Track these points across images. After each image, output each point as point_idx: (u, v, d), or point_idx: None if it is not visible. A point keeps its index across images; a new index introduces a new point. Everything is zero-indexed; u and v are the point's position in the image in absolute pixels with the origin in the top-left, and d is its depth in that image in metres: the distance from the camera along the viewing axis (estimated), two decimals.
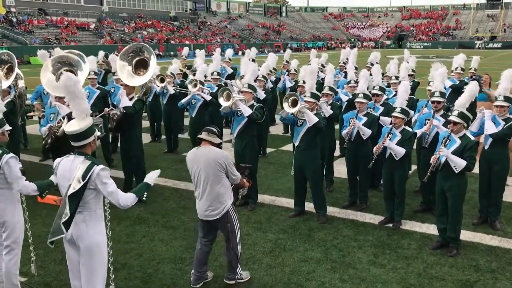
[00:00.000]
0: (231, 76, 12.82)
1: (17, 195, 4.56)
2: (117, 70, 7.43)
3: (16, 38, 44.62)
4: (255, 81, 8.73)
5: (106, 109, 7.81)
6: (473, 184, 7.25)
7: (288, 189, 7.96)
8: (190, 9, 76.80)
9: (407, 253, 5.76)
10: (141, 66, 7.39)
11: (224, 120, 10.66)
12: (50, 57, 10.98)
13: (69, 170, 3.76)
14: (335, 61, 14.89)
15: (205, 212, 4.87)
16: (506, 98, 6.27)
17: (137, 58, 7.37)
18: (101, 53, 13.38)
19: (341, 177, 8.50)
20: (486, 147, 6.36)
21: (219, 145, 5.06)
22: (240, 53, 58.59)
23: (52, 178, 4.52)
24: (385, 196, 6.61)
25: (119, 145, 9.13)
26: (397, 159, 6.21)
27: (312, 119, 6.32)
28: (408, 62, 12.05)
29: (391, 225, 6.52)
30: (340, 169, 8.70)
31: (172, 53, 54.28)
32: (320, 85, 9.64)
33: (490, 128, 6.19)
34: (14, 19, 47.93)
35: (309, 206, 7.05)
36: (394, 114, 6.25)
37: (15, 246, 4.56)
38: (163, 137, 11.54)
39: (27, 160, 9.85)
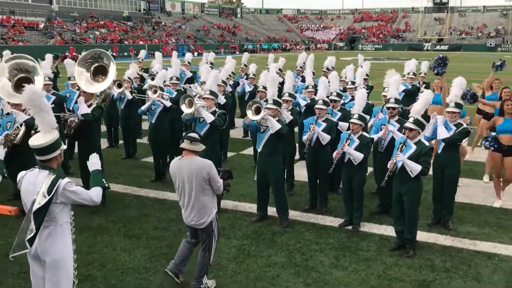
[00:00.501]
0: (191, 80, 12.77)
1: None
2: (75, 76, 7.27)
3: None
4: None
5: (61, 114, 7.61)
6: (427, 185, 7.55)
7: (250, 194, 8.04)
8: (144, 9, 75.62)
9: (366, 255, 5.97)
10: (100, 72, 7.26)
11: (184, 125, 10.59)
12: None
13: (33, 184, 3.68)
14: (292, 64, 15.11)
15: (191, 221, 4.94)
16: (457, 105, 6.60)
17: (96, 65, 7.23)
18: (49, 56, 12.84)
19: (301, 180, 8.67)
20: (439, 151, 6.68)
21: (203, 151, 5.05)
22: (196, 53, 58.46)
23: None
24: (344, 200, 6.81)
25: (75, 151, 8.92)
26: (355, 164, 6.43)
27: (275, 126, 6.44)
28: (362, 67, 12.44)
29: (350, 227, 6.73)
30: (300, 172, 8.86)
31: (126, 53, 53.30)
32: (279, 89, 9.78)
33: (443, 133, 6.51)
34: None
35: (271, 211, 7.16)
36: (352, 120, 6.46)
37: None
38: (121, 142, 11.38)
39: None
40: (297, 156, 9.37)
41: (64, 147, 3.90)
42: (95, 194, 3.87)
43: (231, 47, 71.37)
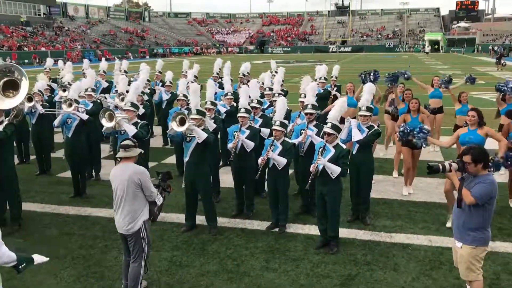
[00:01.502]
0: (107, 90, 12.40)
1: None
2: None
3: None
4: None
5: None
6: (344, 184, 8.05)
7: (176, 204, 8.03)
8: (44, 13, 71.62)
9: (294, 255, 6.24)
10: (10, 87, 6.84)
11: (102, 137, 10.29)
12: None
13: None
14: (206, 68, 15.17)
15: (121, 227, 4.98)
16: (368, 108, 7.12)
17: (5, 79, 6.79)
18: None
19: (226, 186, 8.81)
20: (354, 152, 7.15)
21: (140, 154, 5.15)
22: (103, 59, 56.32)
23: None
24: (271, 203, 7.06)
25: None
26: (279, 168, 6.69)
27: (201, 135, 6.52)
28: (276, 73, 12.85)
29: (277, 229, 6.98)
30: (224, 178, 8.99)
31: (26, 61, 50.17)
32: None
33: (357, 135, 6.99)
34: None
35: (199, 219, 7.22)
36: (274, 127, 6.72)
37: None
38: (33, 157, 10.80)
39: None
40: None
41: None
42: (3, 254, 3.57)
43: (141, 51, 69.89)
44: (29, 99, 9.10)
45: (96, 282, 5.60)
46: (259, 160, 6.73)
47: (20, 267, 3.72)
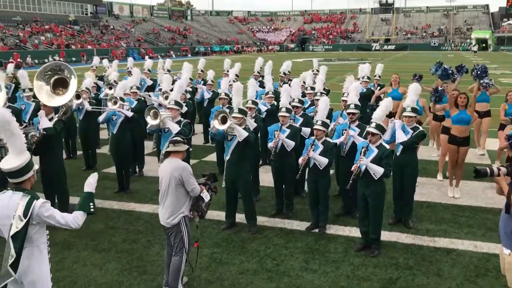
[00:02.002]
0: (151, 88, 12.66)
1: None
2: (35, 91, 7.09)
3: None
4: None
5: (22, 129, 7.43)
6: (387, 185, 7.91)
7: (217, 201, 8.08)
8: (91, 13, 73.84)
9: (334, 256, 6.19)
10: (60, 85, 7.13)
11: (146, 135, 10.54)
12: None
13: (6, 207, 3.62)
14: (247, 66, 15.22)
15: (163, 219, 5.20)
16: (413, 109, 6.96)
17: (56, 77, 7.09)
18: (11, 66, 12.50)
19: (266, 185, 8.84)
20: (397, 154, 7.01)
21: (188, 151, 5.40)
22: (146, 57, 57.53)
23: None
24: (310, 203, 7.02)
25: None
26: (321, 168, 6.65)
27: (242, 134, 6.57)
28: (318, 71, 12.77)
29: (317, 230, 6.94)
30: (263, 177, 9.02)
31: (74, 58, 51.88)
32: None
33: (401, 137, 6.86)
34: None
35: (239, 217, 7.27)
36: (316, 127, 6.68)
37: None
38: (79, 153, 11.18)
39: None
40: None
41: (36, 167, 3.86)
42: (72, 218, 3.78)
43: (183, 50, 70.88)
44: (77, 96, 9.41)
45: (139, 276, 5.75)
46: (300, 160, 6.71)
47: (91, 210, 3.94)
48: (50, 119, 7.13)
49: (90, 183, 4.08)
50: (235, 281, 5.60)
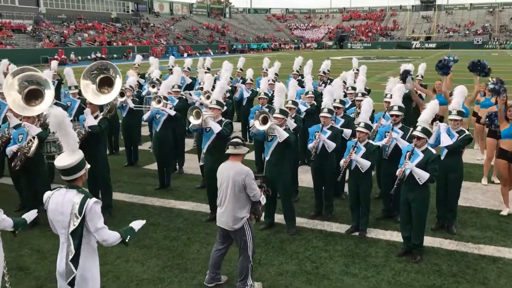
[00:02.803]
0: (190, 86, 12.81)
1: None
2: (82, 89, 7.30)
3: None
4: None
5: None
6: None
7: None
8: (132, 10, 75.29)
9: (375, 261, 6.10)
10: (105, 84, 7.31)
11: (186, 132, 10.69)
12: None
13: (61, 204, 3.75)
14: (284, 64, 15.13)
15: (224, 223, 5.22)
16: (459, 112, 6.77)
17: (101, 76, 7.28)
18: (54, 63, 12.92)
19: (304, 186, 8.79)
20: (442, 158, 6.83)
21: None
22: (185, 55, 58.41)
23: (26, 215, 4.52)
24: (351, 206, 6.94)
25: None
26: (363, 171, 6.55)
27: (282, 135, 6.56)
28: (358, 70, 12.59)
29: (357, 233, 6.85)
30: (302, 177, 8.97)
31: (115, 55, 53.04)
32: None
33: (446, 141, 6.68)
34: None
35: (277, 218, 7.27)
36: (358, 129, 6.59)
37: None
38: (121, 149, 11.43)
39: None
40: None
41: (88, 166, 3.97)
42: (110, 235, 3.86)
43: (220, 47, 71.36)
44: (121, 94, 9.62)
45: (180, 273, 5.83)
46: (341, 162, 6.64)
47: (126, 240, 4.01)
48: (95, 117, 7.31)
49: (137, 224, 4.19)
50: (274, 282, 5.61)
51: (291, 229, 6.92)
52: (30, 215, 4.65)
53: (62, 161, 3.77)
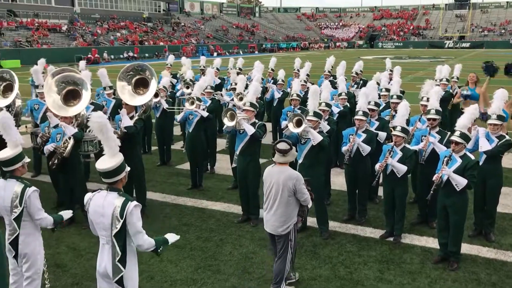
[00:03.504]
0: (219, 87, 12.87)
1: (38, 226, 4.57)
2: (118, 91, 7.42)
3: None
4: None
5: None
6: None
7: None
8: (163, 10, 76.24)
9: (410, 268, 5.98)
10: (140, 85, 7.41)
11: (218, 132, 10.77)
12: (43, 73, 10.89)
13: (101, 206, 3.82)
14: (314, 63, 14.98)
15: (272, 228, 5.19)
16: (499, 117, 6.57)
17: (137, 77, 7.39)
18: (83, 63, 13.19)
19: (336, 189, 8.71)
20: (480, 163, 6.63)
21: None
22: (215, 54, 58.77)
23: (63, 213, 4.64)
24: (386, 211, 6.82)
25: None
26: (399, 176, 6.43)
27: (316, 138, 6.50)
28: (392, 71, 12.39)
29: (391, 239, 6.74)
30: (334, 180, 8.88)
31: (146, 54, 53.79)
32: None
33: (485, 146, 6.49)
34: None
35: (309, 221, 7.22)
36: (395, 133, 6.46)
37: (36, 277, 4.58)
38: (153, 148, 11.58)
39: None
40: None
41: (128, 169, 4.03)
42: (147, 242, 3.91)
43: (250, 46, 71.48)
44: (155, 95, 9.73)
45: (213, 275, 5.85)
46: (377, 166, 6.53)
47: (159, 250, 4.05)
48: (131, 118, 7.41)
49: (172, 237, 4.23)
50: (308, 287, 5.56)
51: (324, 233, 6.86)
52: (66, 214, 4.79)
53: (103, 164, 3.83)
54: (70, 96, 6.80)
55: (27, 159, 4.72)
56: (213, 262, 6.18)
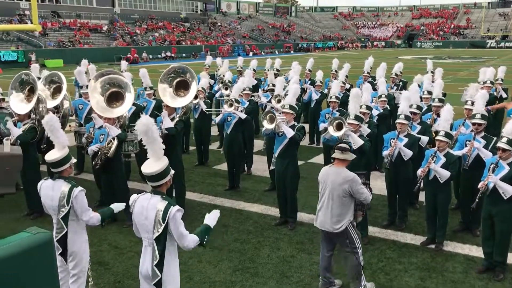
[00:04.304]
0: (256, 88, 12.89)
1: (84, 225, 4.70)
2: (159, 93, 7.54)
3: (30, 41, 45.07)
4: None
5: None
6: None
7: None
8: (200, 10, 77.00)
9: (453, 277, 5.82)
10: (181, 87, 7.51)
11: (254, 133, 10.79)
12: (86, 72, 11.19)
13: (145, 208, 3.88)
14: (352, 63, 14.83)
15: (327, 226, 5.24)
16: None
17: (178, 79, 7.48)
18: (124, 63, 13.50)
19: (375, 193, 8.51)
20: None
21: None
22: (251, 54, 58.98)
23: (114, 205, 4.75)
24: (428, 218, 6.67)
25: None
26: (442, 182, 6.27)
27: (357, 142, 6.42)
28: (433, 73, 12.11)
29: (433, 246, 6.58)
30: (373, 183, 8.70)
31: (184, 54, 54.47)
32: (346, 97, 9.67)
33: None
34: (28, 22, 48.33)
35: None
36: (438, 138, 6.31)
37: (81, 275, 4.70)
38: (191, 148, 11.72)
39: None
40: None
41: (172, 172, 4.08)
42: (189, 240, 3.92)
43: (285, 46, 71.32)
44: (195, 96, 9.84)
45: (251, 277, 5.86)
46: (419, 172, 6.39)
47: (204, 242, 4.06)
48: (172, 119, 7.52)
49: (212, 218, 4.23)
50: None
51: (364, 239, 6.74)
52: (118, 206, 4.85)
53: (148, 167, 3.90)
54: (113, 97, 6.96)
55: (73, 160, 4.85)
56: (251, 265, 6.19)
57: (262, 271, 6.03)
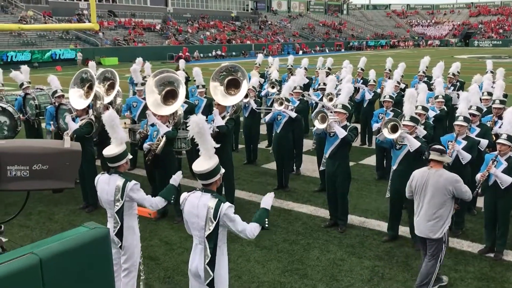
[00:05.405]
0: (307, 86, 12.77)
1: (135, 220, 4.79)
2: (211, 91, 7.59)
3: (88, 40, 46.83)
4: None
5: None
6: None
7: (376, 210, 7.85)
8: (251, 9, 77.36)
9: None
10: (232, 85, 7.53)
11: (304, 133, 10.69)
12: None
13: (196, 206, 3.90)
14: (406, 62, 14.37)
15: (422, 229, 5.19)
16: None
17: (229, 78, 7.51)
18: (182, 62, 13.72)
19: None
20: None
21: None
22: (300, 52, 58.67)
23: (172, 181, 4.87)
24: (486, 225, 6.36)
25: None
26: (502, 187, 5.96)
27: (414, 144, 6.19)
28: (493, 72, 11.57)
29: (492, 255, 6.26)
30: None
31: (234, 53, 54.90)
32: (401, 96, 9.39)
33: None
34: (86, 21, 50.21)
35: (401, 230, 6.91)
36: (500, 141, 5.99)
37: (133, 269, 4.80)
38: (240, 146, 11.75)
39: None
40: None
41: (223, 171, 4.08)
42: (251, 229, 3.93)
43: (336, 44, 70.44)
44: (245, 95, 9.86)
45: (300, 279, 5.79)
46: (478, 176, 6.09)
47: (266, 226, 4.06)
48: (223, 117, 7.55)
49: (267, 201, 4.20)
50: None
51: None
52: (176, 178, 4.90)
53: (199, 166, 3.92)
54: (170, 96, 7.08)
55: (130, 156, 4.96)
56: (300, 266, 6.12)
57: (312, 273, 5.94)
